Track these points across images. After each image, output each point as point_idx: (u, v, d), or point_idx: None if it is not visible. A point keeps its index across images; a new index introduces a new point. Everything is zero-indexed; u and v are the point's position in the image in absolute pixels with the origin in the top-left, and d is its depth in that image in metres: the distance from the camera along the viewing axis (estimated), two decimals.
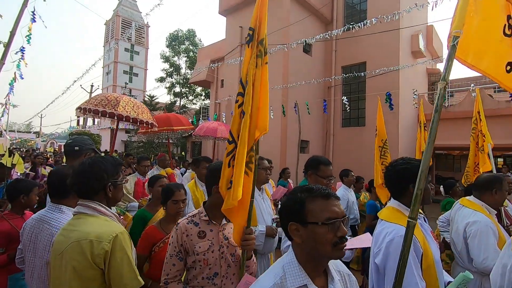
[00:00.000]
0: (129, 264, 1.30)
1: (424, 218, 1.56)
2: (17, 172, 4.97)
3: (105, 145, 19.92)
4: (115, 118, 3.58)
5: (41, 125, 32.16)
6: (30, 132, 38.23)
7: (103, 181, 1.38)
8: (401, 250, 1.19)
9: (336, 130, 12.34)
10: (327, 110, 11.53)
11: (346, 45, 11.77)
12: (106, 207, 1.40)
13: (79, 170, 1.39)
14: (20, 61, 4.18)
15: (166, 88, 26.89)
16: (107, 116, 3.60)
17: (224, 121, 11.42)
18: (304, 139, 11.13)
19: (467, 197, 2.32)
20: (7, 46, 2.55)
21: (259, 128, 1.62)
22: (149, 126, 4.07)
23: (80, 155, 2.32)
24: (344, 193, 4.18)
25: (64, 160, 2.76)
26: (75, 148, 2.34)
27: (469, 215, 2.14)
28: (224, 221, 1.67)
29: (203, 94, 26.75)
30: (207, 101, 25.71)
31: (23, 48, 4.18)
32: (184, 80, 25.88)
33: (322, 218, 0.98)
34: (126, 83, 23.47)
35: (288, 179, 6.48)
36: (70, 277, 1.23)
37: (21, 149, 18.98)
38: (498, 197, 2.13)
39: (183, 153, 15.76)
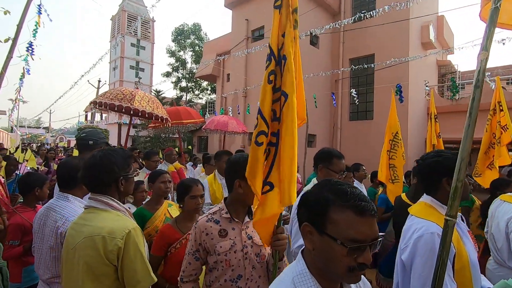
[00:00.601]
0: (142, 261, 1.28)
1: (461, 217, 1.47)
2: (26, 166, 5.04)
3: (112, 140, 20.10)
4: (131, 112, 3.49)
5: (50, 120, 32.63)
6: (39, 128, 38.86)
7: (114, 175, 1.35)
8: (439, 253, 1.06)
9: (343, 124, 12.20)
10: (330, 104, 11.40)
11: (354, 37, 11.55)
12: (118, 202, 1.38)
13: (90, 163, 1.36)
14: (29, 55, 4.19)
15: (172, 82, 26.93)
16: (123, 110, 3.50)
17: (231, 115, 11.38)
18: (311, 133, 11.03)
19: (509, 193, 2.26)
20: (14, 39, 2.54)
21: (298, 116, 1.40)
22: (164, 121, 3.95)
23: (94, 148, 2.29)
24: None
25: (76, 153, 2.76)
26: (90, 142, 2.32)
27: (511, 210, 2.07)
28: (246, 219, 1.54)
29: (209, 88, 26.71)
30: (213, 96, 25.69)
31: (31, 43, 4.19)
32: (190, 75, 25.86)
33: (344, 237, 0.77)
34: (139, 77, 23.36)
35: (297, 174, 6.45)
36: (83, 273, 1.21)
37: (31, 144, 19.30)
38: None
39: (189, 147, 15.83)
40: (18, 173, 4.03)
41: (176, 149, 5.78)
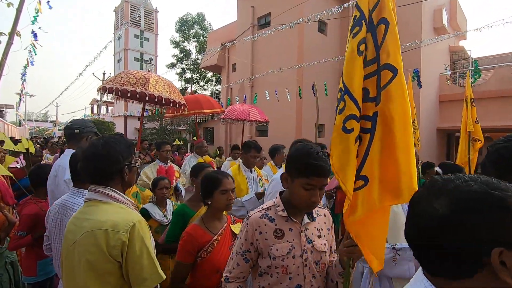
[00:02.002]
0: (149, 256, 1.16)
1: None
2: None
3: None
4: (147, 99, 3.19)
5: (57, 113, 32.87)
6: (47, 121, 39.26)
7: (119, 164, 1.23)
8: None
9: None
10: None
11: None
12: (120, 193, 1.26)
13: (91, 153, 1.22)
14: (33, 44, 4.08)
15: (177, 74, 26.76)
16: (137, 96, 3.23)
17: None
18: (319, 123, 10.83)
19: None
20: (14, 23, 2.41)
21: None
22: (181, 108, 3.66)
23: (81, 138, 2.21)
24: None
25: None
26: (75, 130, 2.21)
27: None
28: (306, 220, 1.30)
29: (214, 79, 26.50)
30: (218, 87, 25.46)
31: (35, 33, 4.07)
32: (195, 66, 25.64)
33: None
34: (149, 70, 23.07)
35: None
36: (85, 270, 1.11)
37: (39, 138, 19.46)
38: None
39: (194, 138, 15.74)
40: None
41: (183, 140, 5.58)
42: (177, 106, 3.57)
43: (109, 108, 32.51)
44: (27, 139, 5.40)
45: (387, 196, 1.11)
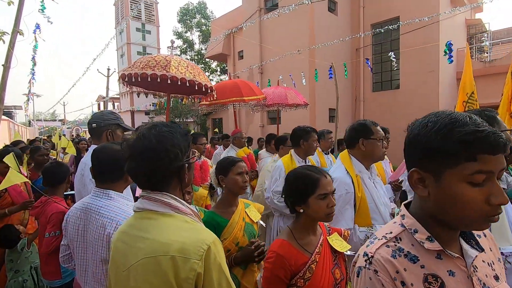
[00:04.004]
0: (229, 287, 0.88)
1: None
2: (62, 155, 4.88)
3: None
4: (168, 82, 2.88)
5: (64, 112, 33.05)
6: (55, 120, 39.63)
7: (178, 162, 0.91)
8: None
9: (366, 96, 11.56)
10: (351, 75, 10.62)
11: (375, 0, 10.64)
12: (181, 200, 0.95)
13: (142, 149, 0.89)
14: (35, 39, 3.90)
15: None
16: (158, 80, 2.87)
17: None
18: (331, 107, 10.52)
19: None
20: (19, 9, 2.18)
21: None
22: (210, 93, 3.35)
23: (101, 132, 1.97)
24: None
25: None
26: (92, 125, 1.97)
27: None
28: (471, 252, 0.72)
29: (218, 69, 26.12)
30: (223, 77, 25.10)
31: (38, 25, 3.87)
32: (199, 56, 25.25)
33: None
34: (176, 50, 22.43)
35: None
36: None
37: (50, 137, 19.55)
38: None
39: (216, 130, 15.51)
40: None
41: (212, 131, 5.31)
42: (204, 90, 3.20)
43: (116, 104, 32.50)
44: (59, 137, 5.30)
45: None
